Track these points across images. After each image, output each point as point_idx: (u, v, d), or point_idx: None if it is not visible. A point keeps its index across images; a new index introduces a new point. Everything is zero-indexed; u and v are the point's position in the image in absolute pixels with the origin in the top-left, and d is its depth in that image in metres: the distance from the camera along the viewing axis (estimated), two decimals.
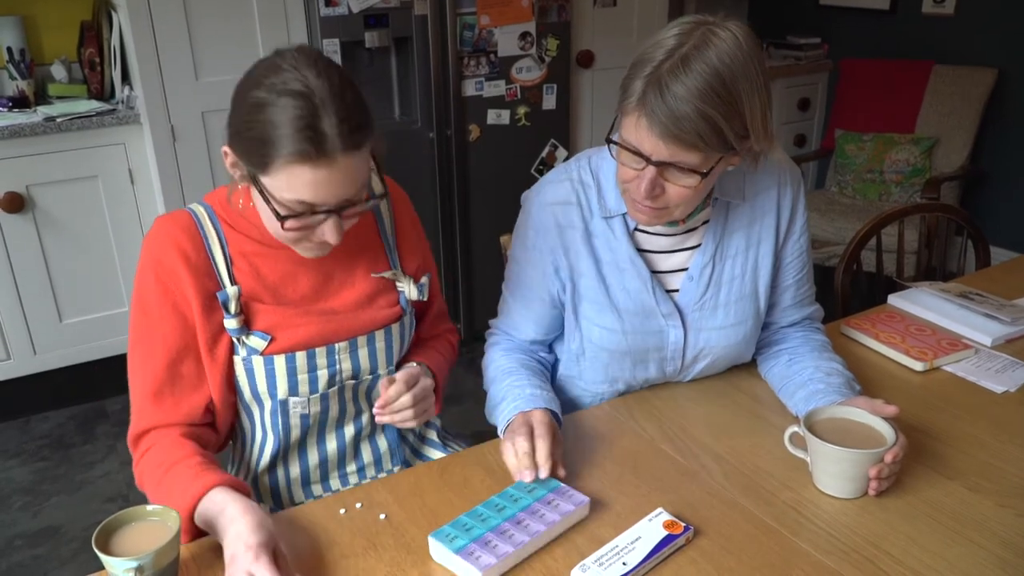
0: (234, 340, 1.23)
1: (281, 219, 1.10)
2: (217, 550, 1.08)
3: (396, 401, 1.24)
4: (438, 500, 1.18)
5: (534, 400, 1.27)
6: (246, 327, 1.22)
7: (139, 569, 0.94)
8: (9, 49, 2.94)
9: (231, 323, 1.21)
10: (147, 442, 1.22)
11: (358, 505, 1.17)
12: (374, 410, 1.26)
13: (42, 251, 2.84)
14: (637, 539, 1.07)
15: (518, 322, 1.45)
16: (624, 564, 1.02)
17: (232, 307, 1.21)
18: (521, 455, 1.16)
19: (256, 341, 1.22)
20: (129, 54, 2.82)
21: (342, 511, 1.16)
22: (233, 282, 1.22)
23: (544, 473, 1.15)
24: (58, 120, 2.72)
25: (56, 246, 2.86)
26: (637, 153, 1.17)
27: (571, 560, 1.05)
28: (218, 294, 1.20)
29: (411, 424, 1.27)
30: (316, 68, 1.06)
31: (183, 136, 2.82)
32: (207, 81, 2.80)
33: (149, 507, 1.03)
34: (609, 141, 1.22)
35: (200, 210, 1.25)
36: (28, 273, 2.84)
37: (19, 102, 2.91)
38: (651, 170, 1.17)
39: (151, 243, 1.21)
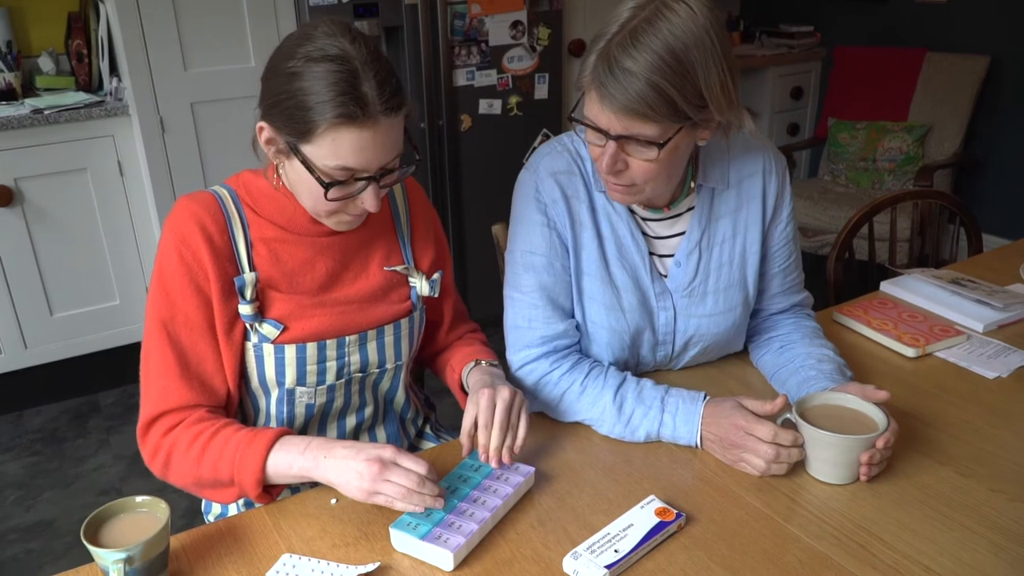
0: (247, 326, 1.22)
1: (326, 187, 1.11)
2: (207, 541, 1.08)
3: (492, 442, 1.16)
4: None
5: (684, 391, 1.29)
6: (260, 314, 1.22)
7: (128, 560, 0.94)
8: None
9: (246, 309, 1.20)
10: (168, 421, 1.18)
11: None
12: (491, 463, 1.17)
13: (32, 245, 2.82)
14: (629, 526, 1.06)
15: (554, 317, 1.34)
16: (616, 551, 1.02)
17: (248, 293, 1.20)
18: (788, 439, 1.17)
19: (269, 329, 1.22)
20: (117, 45, 2.80)
21: (333, 501, 1.16)
22: (252, 268, 1.21)
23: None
24: (46, 112, 2.70)
25: (46, 239, 2.85)
26: (596, 129, 1.17)
27: (563, 548, 1.05)
28: (235, 279, 1.20)
29: (522, 430, 1.18)
30: (350, 35, 1.08)
31: (172, 128, 2.80)
32: (196, 72, 2.77)
33: (138, 498, 1.02)
34: (571, 119, 1.22)
35: (224, 193, 1.23)
36: (18, 267, 2.82)
37: (6, 94, 2.89)
38: (611, 145, 1.17)
39: (175, 222, 1.19)
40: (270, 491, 1.15)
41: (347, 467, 1.06)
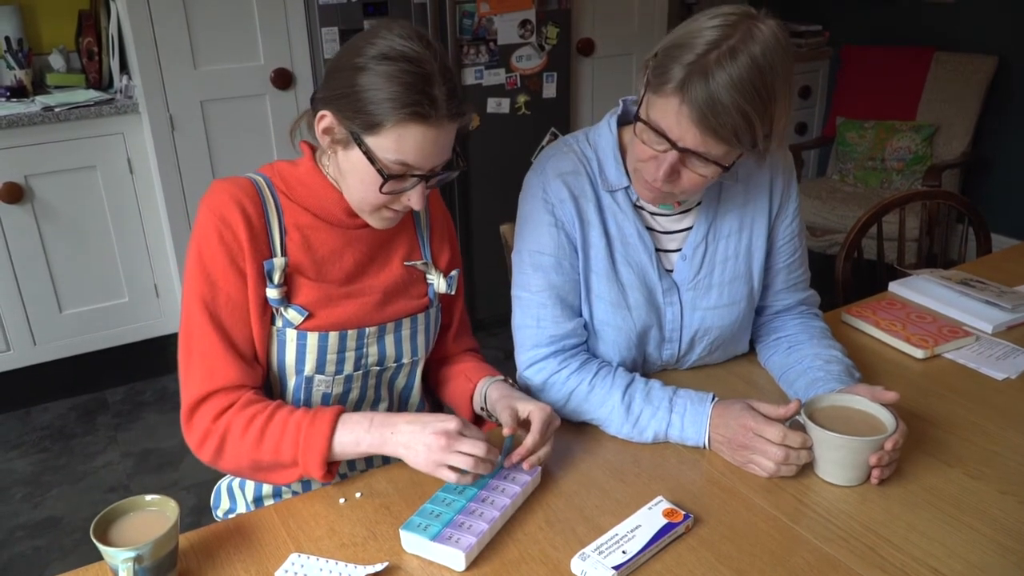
0: (272, 310, 1.23)
1: (385, 178, 1.14)
2: (215, 540, 1.09)
3: (538, 451, 1.19)
4: (437, 489, 1.17)
5: (692, 391, 1.29)
6: (286, 299, 1.23)
7: (137, 559, 0.94)
8: (7, 38, 2.93)
9: (272, 293, 1.21)
10: (216, 403, 1.18)
11: (358, 495, 1.17)
12: (508, 461, 1.18)
13: (41, 242, 2.83)
14: (637, 527, 1.06)
15: (562, 316, 1.34)
16: (624, 552, 1.02)
17: (276, 277, 1.21)
18: (797, 441, 1.17)
19: (293, 315, 1.23)
20: (127, 43, 2.81)
21: (342, 500, 1.16)
22: (284, 253, 1.23)
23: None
24: (56, 110, 2.71)
25: (55, 236, 2.86)
26: (663, 136, 1.17)
27: (571, 548, 1.05)
28: (264, 263, 1.21)
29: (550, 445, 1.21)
30: (423, 41, 1.13)
31: (182, 125, 2.81)
32: (205, 70, 2.78)
33: (148, 497, 1.03)
34: (637, 118, 1.22)
35: (258, 179, 1.25)
36: (27, 264, 2.83)
37: (17, 92, 2.90)
38: (673, 155, 1.18)
39: (213, 202, 1.20)
40: (331, 469, 1.16)
41: (415, 440, 1.10)
